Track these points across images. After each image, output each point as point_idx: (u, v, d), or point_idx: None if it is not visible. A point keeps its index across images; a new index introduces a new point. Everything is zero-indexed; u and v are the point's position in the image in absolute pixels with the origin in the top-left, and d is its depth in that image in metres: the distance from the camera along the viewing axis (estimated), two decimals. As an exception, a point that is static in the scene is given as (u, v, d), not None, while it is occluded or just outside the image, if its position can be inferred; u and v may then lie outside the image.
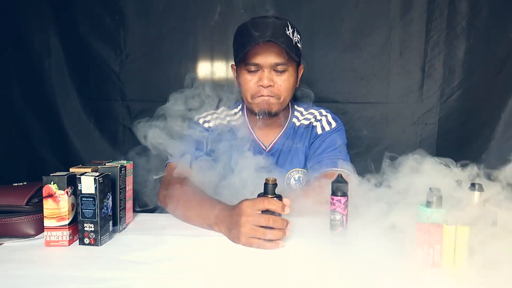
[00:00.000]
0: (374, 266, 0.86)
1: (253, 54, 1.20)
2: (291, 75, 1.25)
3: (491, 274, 0.84)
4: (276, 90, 1.23)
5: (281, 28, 1.19)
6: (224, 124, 1.37)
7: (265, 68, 1.21)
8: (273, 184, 0.95)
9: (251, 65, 1.22)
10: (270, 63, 1.20)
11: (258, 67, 1.22)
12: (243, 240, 0.94)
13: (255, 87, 1.23)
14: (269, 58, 1.19)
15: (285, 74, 1.24)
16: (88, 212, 0.96)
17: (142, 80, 1.78)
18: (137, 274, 0.82)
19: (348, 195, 0.98)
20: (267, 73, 1.21)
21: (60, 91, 1.79)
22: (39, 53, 1.78)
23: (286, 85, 1.24)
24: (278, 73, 1.23)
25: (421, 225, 0.87)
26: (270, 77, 1.21)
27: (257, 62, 1.21)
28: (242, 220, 0.93)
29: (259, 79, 1.22)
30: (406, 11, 1.68)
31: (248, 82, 1.24)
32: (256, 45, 1.18)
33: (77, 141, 1.81)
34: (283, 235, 0.95)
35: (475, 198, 0.95)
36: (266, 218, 0.92)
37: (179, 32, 1.74)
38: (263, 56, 1.19)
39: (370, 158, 1.73)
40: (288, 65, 1.23)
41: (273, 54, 1.19)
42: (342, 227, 0.98)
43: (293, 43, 1.21)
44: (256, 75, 1.23)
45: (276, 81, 1.23)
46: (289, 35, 1.19)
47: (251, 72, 1.23)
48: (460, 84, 1.69)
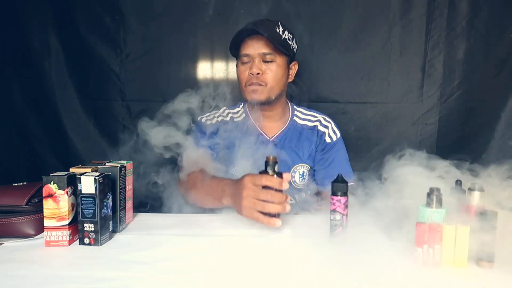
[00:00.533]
0: (374, 266, 0.86)
1: (245, 46, 1.36)
2: (279, 66, 1.37)
3: (492, 274, 0.84)
4: (264, 78, 1.35)
5: (271, 26, 1.33)
6: (227, 121, 1.46)
7: (255, 58, 1.35)
8: (273, 161, 1.00)
9: (244, 56, 1.37)
10: (259, 52, 1.34)
11: (249, 57, 1.36)
12: (244, 212, 1.00)
13: (247, 75, 1.36)
14: (258, 48, 1.34)
15: (273, 64, 1.36)
16: (88, 212, 0.96)
17: (142, 80, 1.78)
18: (137, 274, 0.82)
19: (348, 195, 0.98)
20: (257, 63, 1.35)
21: (60, 91, 1.79)
22: (39, 53, 1.77)
23: (273, 74, 1.36)
24: (267, 63, 1.35)
25: (421, 225, 0.87)
26: (259, 66, 1.35)
27: (247, 52, 1.35)
28: (244, 194, 0.99)
29: (250, 68, 1.36)
30: (406, 11, 1.68)
31: (242, 73, 1.38)
32: (247, 39, 1.34)
33: (77, 141, 1.81)
34: (283, 210, 0.98)
35: (475, 198, 0.95)
36: (265, 193, 0.97)
37: (179, 32, 1.74)
38: (253, 47, 1.34)
39: (370, 158, 1.74)
40: (276, 56, 1.35)
41: (261, 44, 1.33)
42: (342, 227, 0.98)
43: (281, 38, 1.34)
44: (248, 65, 1.37)
45: (265, 70, 1.35)
46: (278, 31, 1.34)
47: (244, 63, 1.38)
48: (460, 84, 1.69)
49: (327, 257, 0.92)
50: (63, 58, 1.79)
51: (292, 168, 1.42)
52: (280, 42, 1.32)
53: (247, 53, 1.35)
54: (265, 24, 1.33)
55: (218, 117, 1.46)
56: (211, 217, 1.23)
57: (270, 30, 1.31)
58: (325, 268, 0.85)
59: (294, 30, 1.45)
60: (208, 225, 1.14)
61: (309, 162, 1.45)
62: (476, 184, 0.94)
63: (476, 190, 0.94)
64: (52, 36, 1.77)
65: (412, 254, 0.89)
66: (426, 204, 0.93)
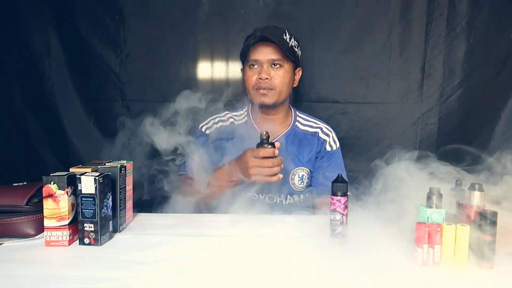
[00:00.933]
0: (374, 266, 0.86)
1: (254, 52, 1.40)
2: (287, 71, 1.42)
3: (492, 274, 0.84)
4: (273, 82, 1.40)
5: (279, 33, 1.39)
6: (226, 126, 1.49)
7: (264, 64, 1.40)
8: (267, 136, 1.24)
9: (252, 61, 1.41)
10: (268, 58, 1.39)
11: (258, 63, 1.40)
12: (253, 178, 1.23)
13: (255, 80, 1.41)
14: (267, 54, 1.39)
15: (282, 69, 1.41)
16: (88, 212, 0.96)
17: (142, 80, 1.78)
18: (137, 274, 0.82)
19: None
20: (265, 68, 1.40)
21: (60, 91, 1.79)
22: (39, 53, 1.77)
23: (281, 79, 1.41)
24: (275, 68, 1.41)
25: (421, 225, 0.87)
26: (268, 72, 1.39)
27: (257, 58, 1.40)
28: (250, 164, 1.22)
29: (259, 73, 1.40)
30: (406, 11, 1.68)
31: (250, 77, 1.42)
32: (256, 44, 1.39)
33: (77, 141, 1.81)
34: (279, 169, 1.23)
35: (475, 198, 0.95)
36: (266, 162, 1.22)
37: (179, 32, 1.74)
38: (262, 53, 1.39)
39: (370, 158, 1.74)
40: (284, 62, 1.41)
41: (270, 51, 1.39)
42: (342, 227, 0.98)
43: (289, 46, 1.40)
44: (257, 70, 1.41)
45: (273, 76, 1.40)
46: (286, 39, 1.39)
47: (253, 67, 1.42)
48: (460, 84, 1.69)
49: (327, 257, 0.92)
50: (63, 58, 1.78)
51: (292, 171, 1.44)
52: (287, 48, 1.38)
53: (256, 58, 1.39)
54: (273, 31, 1.39)
55: (217, 123, 1.50)
56: (211, 217, 1.23)
57: (279, 37, 1.37)
58: (325, 268, 0.85)
59: (294, 30, 1.46)
60: (208, 225, 1.14)
61: (309, 166, 1.48)
62: (476, 184, 0.94)
63: (476, 190, 0.94)
64: (52, 36, 1.77)
65: (412, 254, 0.89)
66: (426, 204, 0.93)
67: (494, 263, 0.86)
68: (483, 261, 0.86)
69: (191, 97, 1.30)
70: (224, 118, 1.51)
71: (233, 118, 1.52)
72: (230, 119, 1.52)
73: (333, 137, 1.53)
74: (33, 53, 1.77)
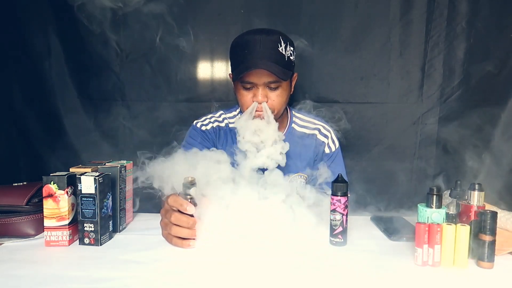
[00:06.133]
0: (373, 266, 0.86)
1: (248, 75, 1.24)
2: (285, 89, 1.30)
3: (492, 274, 0.84)
4: (270, 105, 1.28)
5: (273, 47, 1.22)
6: (222, 127, 1.44)
7: (259, 86, 1.25)
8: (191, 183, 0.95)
9: (246, 83, 1.26)
10: (264, 81, 1.24)
11: (253, 84, 1.26)
12: (162, 233, 1.01)
13: (251, 102, 1.28)
14: (262, 78, 1.24)
15: (279, 90, 1.28)
16: (88, 212, 0.96)
17: (142, 80, 1.78)
18: (137, 274, 0.82)
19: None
20: (261, 90, 1.26)
21: (60, 91, 1.79)
22: (39, 53, 1.77)
23: (279, 100, 1.29)
24: (272, 89, 1.27)
25: (421, 225, 0.87)
26: (264, 94, 1.26)
27: (252, 81, 1.25)
28: (161, 213, 1.01)
29: (254, 95, 1.27)
30: (406, 11, 1.68)
31: (244, 97, 1.29)
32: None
33: (77, 141, 1.81)
34: (189, 234, 0.95)
35: (475, 198, 0.95)
36: (171, 215, 0.95)
37: (179, 32, 1.74)
38: (257, 76, 1.24)
39: (370, 158, 1.74)
40: (281, 82, 1.27)
41: (266, 74, 1.23)
42: (342, 227, 0.98)
43: (285, 59, 1.24)
44: (251, 92, 1.28)
45: (270, 97, 1.27)
46: (281, 51, 1.23)
47: (247, 89, 1.28)
48: (460, 84, 1.68)
49: (327, 257, 0.92)
50: (63, 58, 1.78)
51: (290, 178, 1.34)
52: (284, 64, 1.23)
53: (251, 81, 1.25)
54: (267, 46, 1.21)
55: (213, 123, 1.44)
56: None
57: (273, 55, 1.21)
58: (325, 268, 0.86)
59: (294, 30, 1.45)
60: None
61: (307, 171, 1.39)
62: (476, 184, 0.94)
63: (476, 190, 0.94)
64: (52, 36, 1.77)
65: (412, 254, 0.89)
66: (426, 204, 0.93)
67: (494, 263, 0.86)
68: (483, 261, 0.86)
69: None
70: (219, 118, 1.46)
71: (227, 120, 1.46)
72: (225, 120, 1.46)
73: (332, 138, 1.46)
74: (33, 53, 1.77)
